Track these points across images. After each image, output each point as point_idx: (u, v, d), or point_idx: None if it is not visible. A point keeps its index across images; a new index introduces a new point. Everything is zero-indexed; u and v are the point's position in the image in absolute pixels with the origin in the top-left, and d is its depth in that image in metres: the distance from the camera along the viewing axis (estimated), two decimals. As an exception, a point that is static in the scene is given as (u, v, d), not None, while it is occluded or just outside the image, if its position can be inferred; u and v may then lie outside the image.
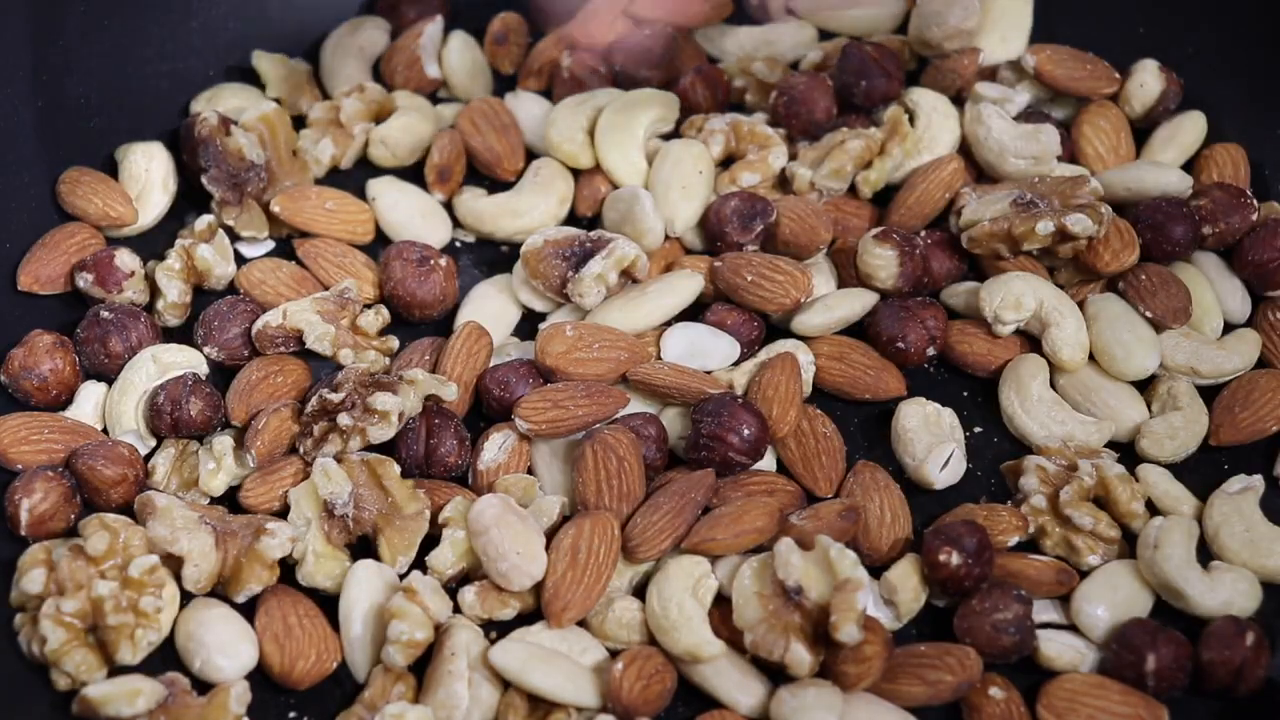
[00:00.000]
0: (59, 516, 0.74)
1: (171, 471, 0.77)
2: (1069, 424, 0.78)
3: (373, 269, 0.85)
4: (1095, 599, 0.72)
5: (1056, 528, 0.74)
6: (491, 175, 0.90)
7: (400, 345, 0.82)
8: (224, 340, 0.81)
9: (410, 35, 0.94)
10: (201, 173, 0.85)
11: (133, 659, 0.70)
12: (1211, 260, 0.84)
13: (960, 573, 0.70)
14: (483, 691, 0.68)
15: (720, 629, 0.70)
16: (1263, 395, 0.78)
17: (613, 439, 0.74)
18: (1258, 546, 0.73)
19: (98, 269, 0.82)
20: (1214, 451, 0.78)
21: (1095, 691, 0.68)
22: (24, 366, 0.79)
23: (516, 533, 0.71)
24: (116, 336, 0.80)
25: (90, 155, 0.88)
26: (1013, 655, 0.70)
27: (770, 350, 0.80)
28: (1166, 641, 0.69)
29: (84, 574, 0.70)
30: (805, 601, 0.68)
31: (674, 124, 0.90)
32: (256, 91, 0.93)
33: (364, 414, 0.74)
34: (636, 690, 0.67)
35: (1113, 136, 0.88)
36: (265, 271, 0.84)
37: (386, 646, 0.69)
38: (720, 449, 0.74)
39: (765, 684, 0.69)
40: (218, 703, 0.68)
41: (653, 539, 0.72)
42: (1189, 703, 0.70)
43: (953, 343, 0.81)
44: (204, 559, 0.72)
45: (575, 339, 0.78)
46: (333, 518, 0.73)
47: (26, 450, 0.76)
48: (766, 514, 0.72)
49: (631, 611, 0.71)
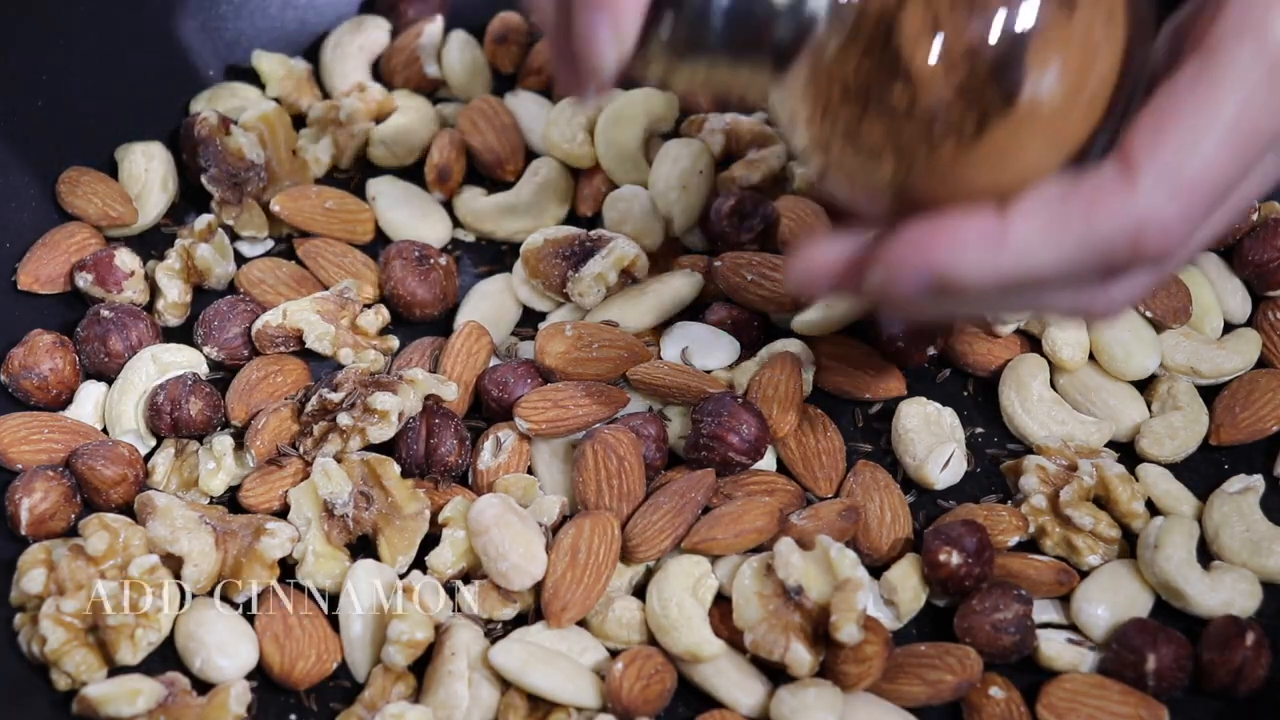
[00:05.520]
0: (59, 516, 0.74)
1: (171, 471, 0.77)
2: (1069, 424, 0.78)
3: (373, 269, 0.85)
4: (1095, 599, 0.72)
5: (1056, 528, 0.74)
6: (491, 175, 0.90)
7: (400, 345, 0.82)
8: (224, 340, 0.81)
9: (410, 35, 0.94)
10: (201, 173, 0.85)
11: (133, 659, 0.70)
12: (1211, 260, 0.84)
13: (960, 573, 0.70)
14: (483, 691, 0.68)
15: (720, 629, 0.70)
16: (1263, 395, 0.78)
17: (613, 439, 0.74)
18: (1258, 546, 0.73)
19: (98, 269, 0.82)
20: (1214, 451, 0.78)
21: (1095, 691, 0.68)
22: (24, 366, 0.79)
23: (516, 533, 0.71)
24: (116, 336, 0.80)
25: (90, 155, 0.88)
26: (1013, 655, 0.70)
27: (770, 350, 0.80)
28: (1166, 641, 0.69)
29: (84, 574, 0.70)
30: (805, 601, 0.68)
31: (674, 124, 0.90)
32: (256, 91, 0.93)
33: (364, 414, 0.74)
34: (636, 690, 0.67)
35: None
36: (265, 271, 0.84)
37: (386, 646, 0.69)
38: (720, 449, 0.74)
39: (765, 684, 0.69)
40: (218, 703, 0.68)
41: (653, 539, 0.72)
42: (1189, 703, 0.70)
43: (953, 343, 0.81)
44: (204, 559, 0.72)
45: (575, 339, 0.78)
46: (333, 518, 0.73)
47: (26, 450, 0.76)
48: (766, 514, 0.72)
49: (631, 611, 0.71)
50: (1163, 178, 0.55)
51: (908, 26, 0.56)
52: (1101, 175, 0.56)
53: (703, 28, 0.57)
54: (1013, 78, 0.56)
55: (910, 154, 0.57)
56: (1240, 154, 0.55)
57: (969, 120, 0.56)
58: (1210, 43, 0.56)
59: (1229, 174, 0.56)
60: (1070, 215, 0.56)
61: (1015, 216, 0.56)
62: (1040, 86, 0.56)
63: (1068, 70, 0.56)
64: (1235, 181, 0.56)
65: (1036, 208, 0.56)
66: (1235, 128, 0.55)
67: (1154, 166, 0.55)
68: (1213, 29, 0.56)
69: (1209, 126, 0.55)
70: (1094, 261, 0.57)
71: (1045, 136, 0.57)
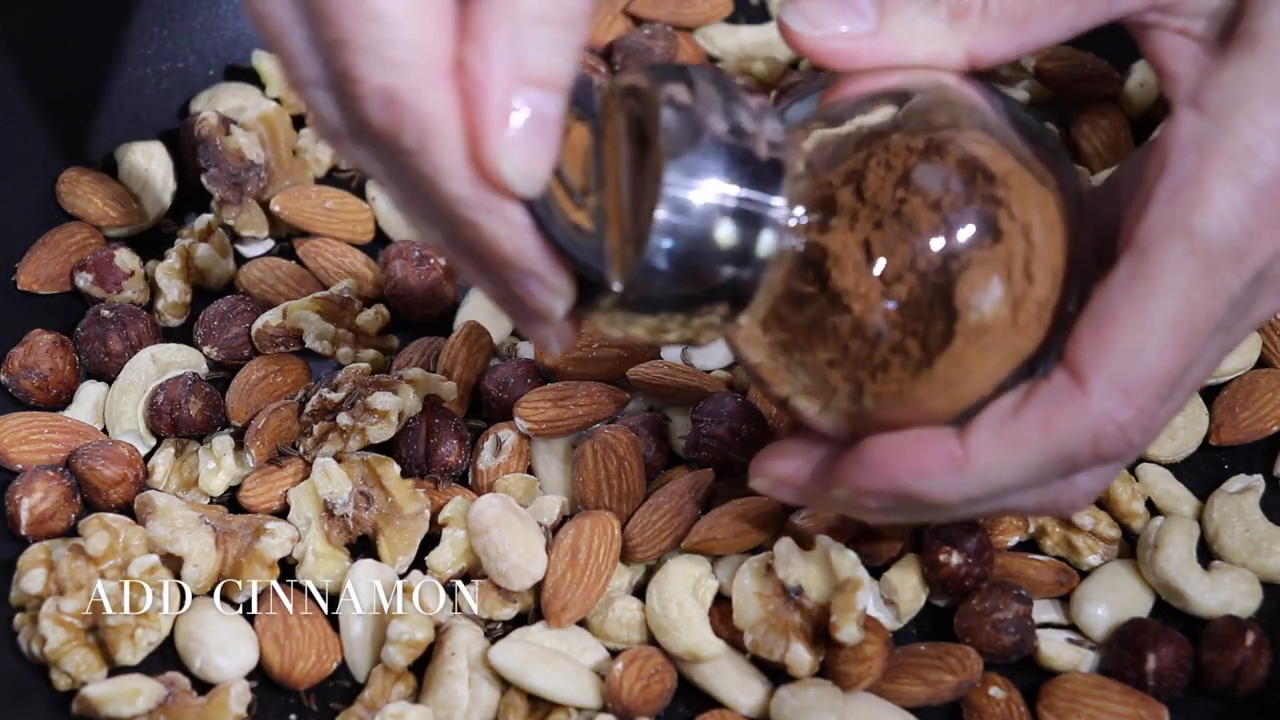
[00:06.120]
0: (59, 516, 0.74)
1: (171, 471, 0.77)
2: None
3: (373, 269, 0.85)
4: (1095, 599, 0.72)
5: (1057, 527, 0.74)
6: (491, 175, 0.90)
7: (400, 345, 0.82)
8: (224, 340, 0.81)
9: (410, 35, 0.94)
10: (201, 173, 0.85)
11: (133, 659, 0.70)
12: (1211, 260, 0.84)
13: (960, 573, 0.70)
14: (483, 691, 0.68)
15: (720, 629, 0.70)
16: (1263, 395, 0.78)
17: (613, 439, 0.74)
18: (1258, 546, 0.73)
19: (98, 269, 0.82)
20: (1214, 451, 0.78)
21: (1095, 691, 0.68)
22: (24, 366, 0.79)
23: (516, 533, 0.71)
24: (116, 336, 0.80)
25: (90, 155, 0.88)
26: (1013, 655, 0.70)
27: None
28: (1166, 641, 0.69)
29: (84, 574, 0.70)
30: (805, 601, 0.68)
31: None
32: (256, 91, 0.92)
33: (364, 414, 0.74)
34: (636, 690, 0.67)
35: (1112, 136, 0.88)
36: (265, 271, 0.84)
37: (386, 646, 0.69)
38: (720, 449, 0.74)
39: (765, 684, 0.69)
40: (218, 703, 0.68)
41: (653, 539, 0.72)
42: (1189, 703, 0.70)
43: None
44: (204, 559, 0.72)
45: (575, 339, 0.78)
46: (333, 518, 0.73)
47: (26, 450, 0.76)
48: (766, 514, 0.72)
49: (631, 611, 0.71)
50: (1112, 383, 0.55)
51: (838, 255, 0.56)
52: (1053, 386, 0.56)
53: (648, 285, 0.54)
54: (952, 299, 0.55)
55: (861, 381, 0.57)
56: (1185, 349, 0.56)
57: (913, 345, 0.56)
58: (1140, 242, 0.56)
59: (1176, 369, 0.56)
60: (1028, 431, 0.56)
61: (974, 438, 0.57)
62: (982, 305, 0.56)
63: (1010, 286, 0.56)
64: (1184, 372, 0.57)
65: (994, 426, 0.57)
66: (1177, 327, 0.55)
67: (1101, 374, 0.55)
68: (1141, 226, 0.56)
69: (1150, 329, 0.55)
70: (1057, 469, 0.58)
71: (995, 352, 0.57)
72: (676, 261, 0.53)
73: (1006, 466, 0.57)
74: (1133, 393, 0.55)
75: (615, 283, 0.54)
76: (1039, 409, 0.56)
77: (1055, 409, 0.56)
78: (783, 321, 0.58)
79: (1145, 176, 0.57)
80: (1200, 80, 0.57)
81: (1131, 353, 0.55)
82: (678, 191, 0.53)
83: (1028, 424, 0.56)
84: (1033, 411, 0.56)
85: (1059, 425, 0.56)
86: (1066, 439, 0.56)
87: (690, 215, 0.53)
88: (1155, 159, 0.57)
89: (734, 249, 0.54)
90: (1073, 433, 0.56)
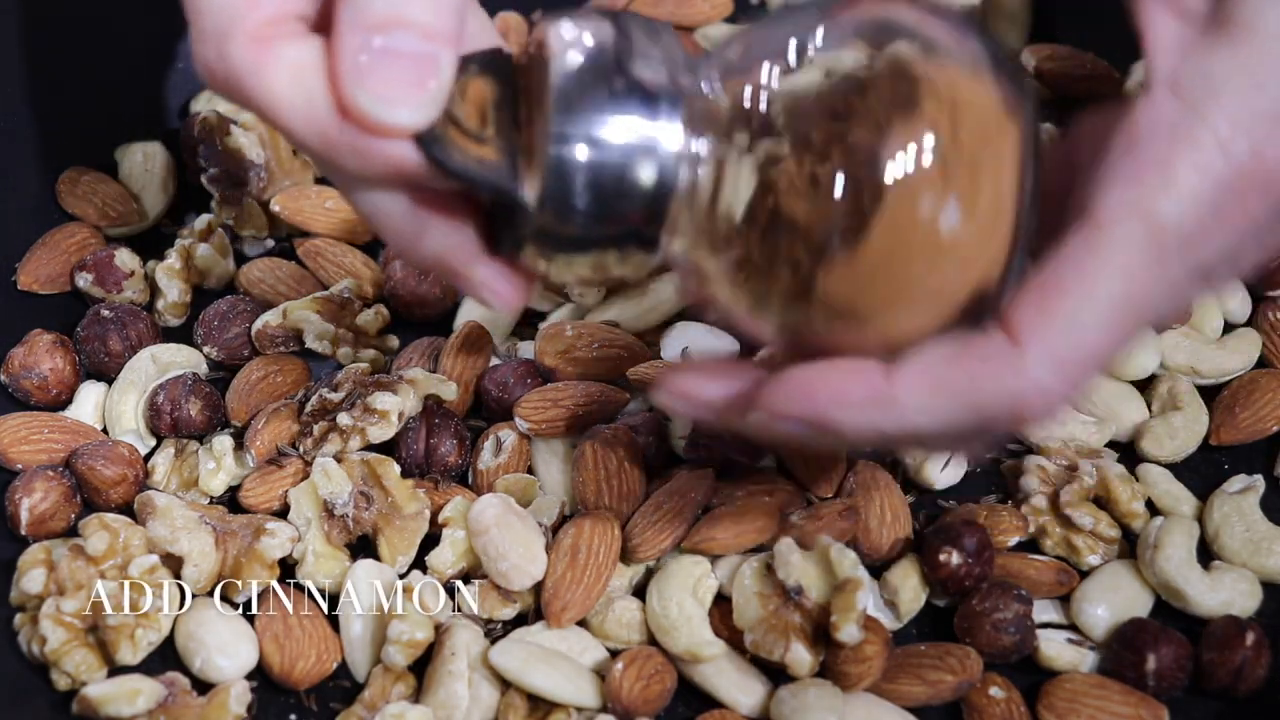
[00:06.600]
0: (59, 516, 0.74)
1: (171, 471, 0.77)
2: (1069, 424, 0.78)
3: (373, 269, 0.85)
4: (1095, 599, 0.72)
5: (1057, 528, 0.74)
6: (491, 175, 0.90)
7: (400, 345, 0.82)
8: (224, 340, 0.81)
9: (410, 35, 0.94)
10: (201, 173, 0.85)
11: (133, 659, 0.70)
12: (1212, 260, 0.84)
13: (960, 573, 0.70)
14: (483, 691, 0.68)
15: (720, 629, 0.70)
16: (1263, 395, 0.78)
17: (613, 439, 0.74)
18: (1258, 546, 0.73)
19: (98, 269, 0.82)
20: (1214, 451, 0.78)
21: (1095, 691, 0.68)
22: (24, 366, 0.79)
23: (516, 533, 0.71)
24: (116, 336, 0.80)
25: (90, 155, 0.88)
26: (1013, 655, 0.70)
27: (769, 349, 0.80)
28: (1167, 641, 0.69)
29: (84, 574, 0.70)
30: (805, 601, 0.68)
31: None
32: (256, 91, 0.92)
33: (364, 413, 0.74)
34: (636, 690, 0.67)
35: (1113, 136, 0.88)
36: (265, 271, 0.84)
37: (386, 646, 0.69)
38: (720, 449, 0.74)
39: (765, 684, 0.69)
40: (218, 703, 0.68)
41: (653, 539, 0.72)
42: (1189, 703, 0.70)
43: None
44: (204, 559, 0.72)
45: (575, 339, 0.78)
46: (333, 518, 0.73)
47: (26, 450, 0.76)
48: (766, 514, 0.72)
49: (631, 611, 0.71)
50: (1049, 353, 0.55)
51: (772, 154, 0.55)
52: (990, 342, 0.56)
53: (564, 217, 0.55)
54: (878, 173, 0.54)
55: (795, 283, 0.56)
56: (1123, 330, 0.56)
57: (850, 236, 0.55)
58: (1098, 217, 0.55)
59: (1110, 348, 0.56)
60: (956, 381, 0.56)
61: (901, 376, 0.56)
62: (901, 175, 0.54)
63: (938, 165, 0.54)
64: (1115, 352, 0.57)
65: (922, 369, 0.56)
66: (1120, 307, 0.55)
67: (1040, 342, 0.55)
68: (1101, 200, 0.55)
69: (1095, 306, 0.55)
70: (973, 424, 0.57)
71: (925, 264, 0.55)
72: (578, 170, 0.54)
73: (925, 411, 0.56)
74: (1067, 365, 0.55)
75: (526, 192, 0.55)
76: (970, 361, 0.56)
77: (986, 365, 0.56)
78: (715, 225, 0.57)
79: (1111, 145, 0.57)
80: (1181, 63, 0.57)
81: (1073, 326, 0.55)
82: (569, 105, 0.54)
83: (956, 374, 0.56)
84: (964, 363, 0.56)
85: (987, 383, 0.56)
86: (991, 397, 0.56)
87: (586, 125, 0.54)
88: (1124, 133, 0.56)
89: (632, 151, 0.55)
90: (999, 393, 0.56)
